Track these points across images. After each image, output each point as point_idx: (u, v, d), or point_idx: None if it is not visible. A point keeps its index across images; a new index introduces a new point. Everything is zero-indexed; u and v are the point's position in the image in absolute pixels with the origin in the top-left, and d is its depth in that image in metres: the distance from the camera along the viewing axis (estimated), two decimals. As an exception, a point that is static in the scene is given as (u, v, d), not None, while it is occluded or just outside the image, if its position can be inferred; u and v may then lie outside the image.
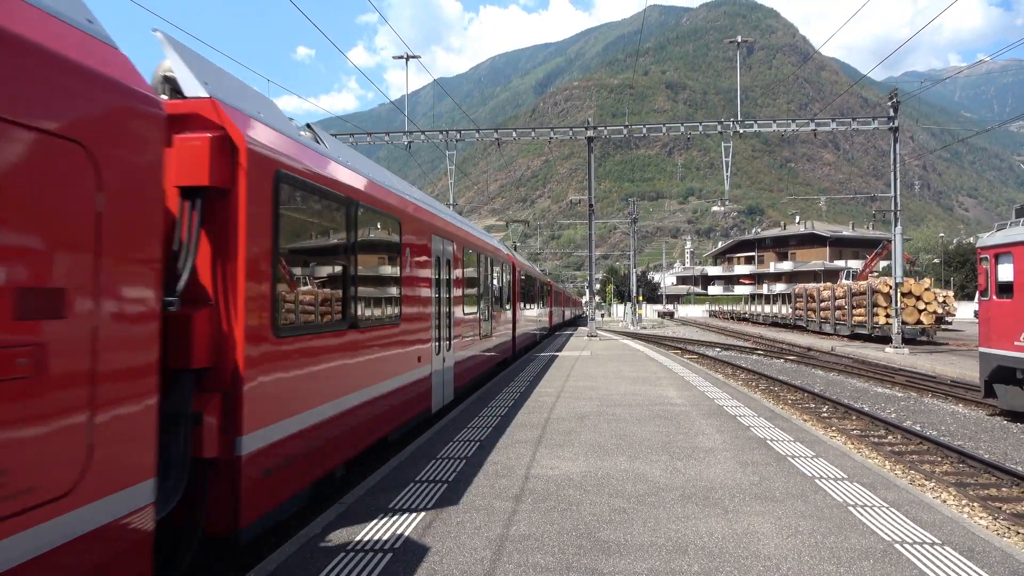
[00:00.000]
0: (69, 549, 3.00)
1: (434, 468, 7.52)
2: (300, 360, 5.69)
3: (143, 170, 3.55)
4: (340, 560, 4.88)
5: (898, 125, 29.25)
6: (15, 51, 2.82)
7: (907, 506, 6.16)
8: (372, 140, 34.02)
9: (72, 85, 3.11)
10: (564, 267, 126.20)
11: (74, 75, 3.13)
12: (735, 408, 11.77)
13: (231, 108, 4.97)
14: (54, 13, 3.19)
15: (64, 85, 3.06)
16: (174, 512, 4.22)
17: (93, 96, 3.24)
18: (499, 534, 5.44)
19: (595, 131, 33.23)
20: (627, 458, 8.03)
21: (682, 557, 4.95)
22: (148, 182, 3.60)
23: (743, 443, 8.86)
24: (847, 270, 70.16)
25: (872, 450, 10.91)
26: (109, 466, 3.24)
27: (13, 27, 2.84)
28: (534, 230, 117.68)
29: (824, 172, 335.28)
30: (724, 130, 32.21)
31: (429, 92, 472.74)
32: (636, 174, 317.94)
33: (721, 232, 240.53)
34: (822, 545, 5.18)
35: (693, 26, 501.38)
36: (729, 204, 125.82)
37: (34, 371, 2.83)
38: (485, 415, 10.99)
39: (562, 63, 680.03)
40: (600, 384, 15.20)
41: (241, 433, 4.71)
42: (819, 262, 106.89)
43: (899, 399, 16.21)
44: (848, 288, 38.99)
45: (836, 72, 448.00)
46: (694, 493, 6.57)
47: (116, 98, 3.38)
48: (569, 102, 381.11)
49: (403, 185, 9.85)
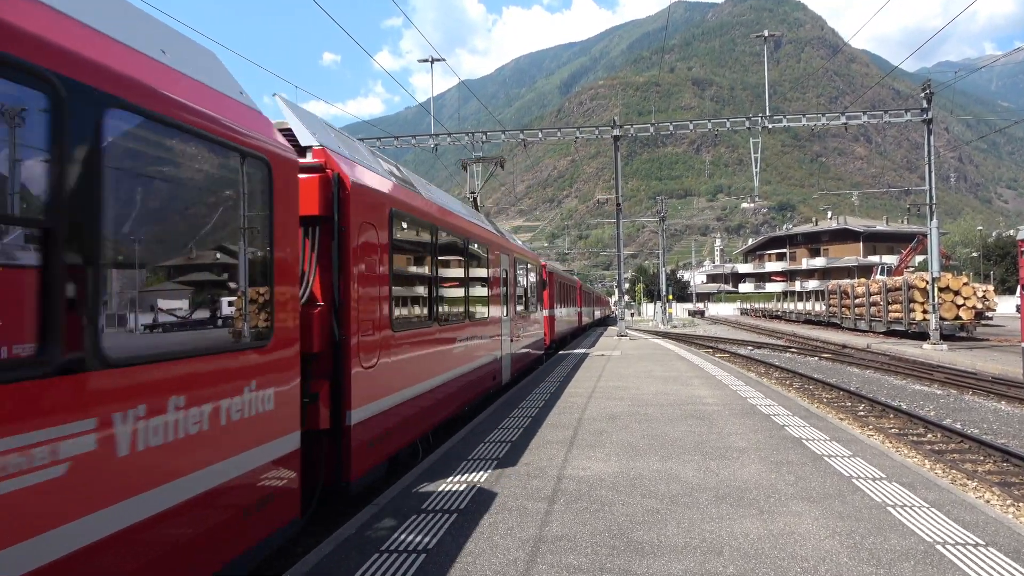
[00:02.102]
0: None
1: (465, 469, 7.54)
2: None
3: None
4: (375, 560, 4.92)
5: (932, 116, 28.65)
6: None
7: (948, 506, 6.02)
8: (399, 144, 34.26)
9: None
10: (592, 267, 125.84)
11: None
12: (769, 407, 11.62)
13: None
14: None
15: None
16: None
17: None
18: (531, 535, 5.43)
19: (621, 130, 33.07)
20: (659, 458, 7.97)
21: (717, 558, 4.89)
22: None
23: (778, 442, 8.74)
24: (881, 265, 68.83)
25: (911, 449, 10.68)
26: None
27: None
28: (561, 230, 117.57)
29: (856, 166, 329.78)
30: (752, 126, 31.84)
31: (455, 95, 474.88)
32: (664, 172, 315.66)
33: (751, 229, 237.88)
34: (861, 546, 5.09)
35: (719, 21, 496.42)
36: (759, 200, 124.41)
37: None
38: (516, 416, 10.99)
39: (587, 62, 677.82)
40: (631, 384, 15.11)
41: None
42: (852, 258, 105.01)
43: (938, 396, 15.86)
44: (883, 284, 38.28)
45: (867, 64, 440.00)
46: (728, 493, 6.50)
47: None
48: (595, 101, 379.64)
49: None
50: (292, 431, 4.83)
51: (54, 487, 2.76)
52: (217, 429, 3.94)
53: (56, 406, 2.80)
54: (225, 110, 4.24)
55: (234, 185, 4.38)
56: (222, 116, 4.15)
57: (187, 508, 3.63)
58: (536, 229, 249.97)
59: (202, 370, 3.87)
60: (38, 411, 2.71)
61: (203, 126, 3.91)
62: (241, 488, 4.21)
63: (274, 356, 4.63)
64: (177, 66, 3.96)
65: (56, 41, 2.91)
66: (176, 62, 3.97)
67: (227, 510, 4.09)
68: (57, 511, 2.79)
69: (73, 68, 2.95)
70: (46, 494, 2.72)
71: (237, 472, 4.13)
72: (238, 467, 4.15)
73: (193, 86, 4.01)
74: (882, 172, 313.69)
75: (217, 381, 4.00)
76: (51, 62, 2.84)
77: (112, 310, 3.33)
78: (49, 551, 2.73)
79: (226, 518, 4.08)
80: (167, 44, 3.99)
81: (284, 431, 4.72)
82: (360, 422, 6.24)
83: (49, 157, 2.84)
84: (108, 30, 3.41)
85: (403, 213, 7.63)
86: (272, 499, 4.58)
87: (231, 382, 4.14)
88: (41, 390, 2.74)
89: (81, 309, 2.93)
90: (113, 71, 3.23)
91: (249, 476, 4.28)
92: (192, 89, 3.97)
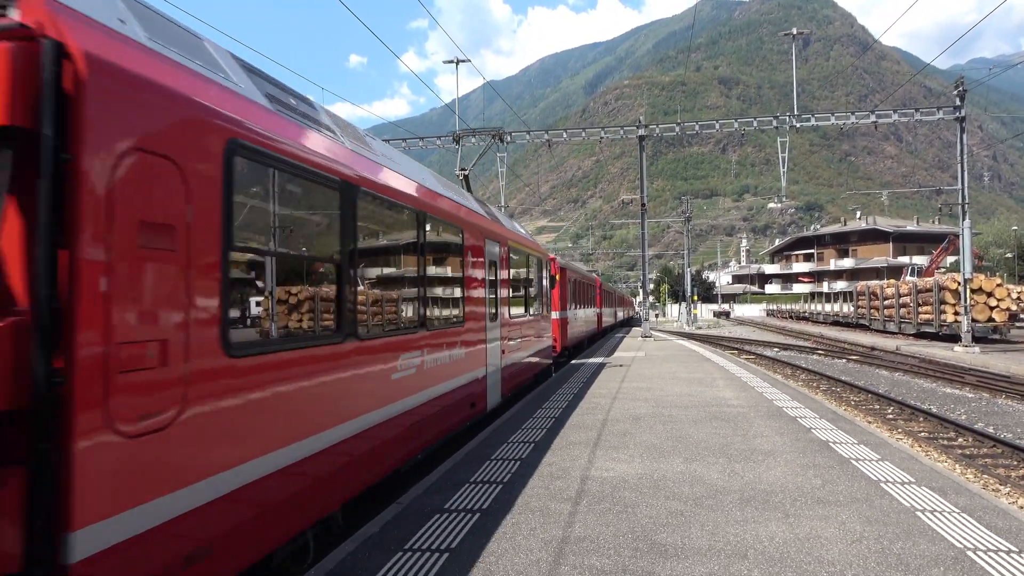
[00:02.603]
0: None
1: (489, 469, 7.55)
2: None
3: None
4: (398, 559, 4.95)
5: (965, 114, 28.09)
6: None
7: (980, 512, 5.90)
8: (424, 144, 34.43)
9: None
10: (616, 267, 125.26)
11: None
12: (795, 409, 11.48)
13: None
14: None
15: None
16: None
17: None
18: (554, 536, 5.43)
19: (647, 129, 32.87)
20: (683, 460, 7.92)
21: (742, 562, 4.85)
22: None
23: (804, 445, 8.63)
24: (912, 266, 67.65)
25: (941, 453, 10.49)
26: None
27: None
28: (585, 231, 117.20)
29: (886, 165, 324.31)
30: (780, 125, 31.43)
31: (479, 95, 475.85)
32: (689, 172, 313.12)
33: (778, 229, 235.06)
34: (889, 551, 5.01)
35: (746, 19, 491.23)
36: (786, 201, 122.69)
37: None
38: (539, 416, 10.99)
39: (612, 62, 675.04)
40: (655, 385, 15.02)
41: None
42: (882, 258, 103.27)
43: (970, 400, 15.55)
44: (913, 285, 37.63)
45: (897, 61, 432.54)
46: (753, 496, 6.43)
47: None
48: (620, 101, 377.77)
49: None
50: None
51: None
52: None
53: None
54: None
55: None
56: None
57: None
58: (560, 230, 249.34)
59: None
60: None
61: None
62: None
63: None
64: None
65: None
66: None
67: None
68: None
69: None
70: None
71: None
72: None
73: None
74: (913, 171, 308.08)
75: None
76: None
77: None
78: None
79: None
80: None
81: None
82: (101, 555, 3.08)
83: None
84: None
85: (263, 151, 4.46)
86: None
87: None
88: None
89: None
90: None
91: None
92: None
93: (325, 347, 5.20)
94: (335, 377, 5.30)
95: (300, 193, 5.27)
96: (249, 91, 4.70)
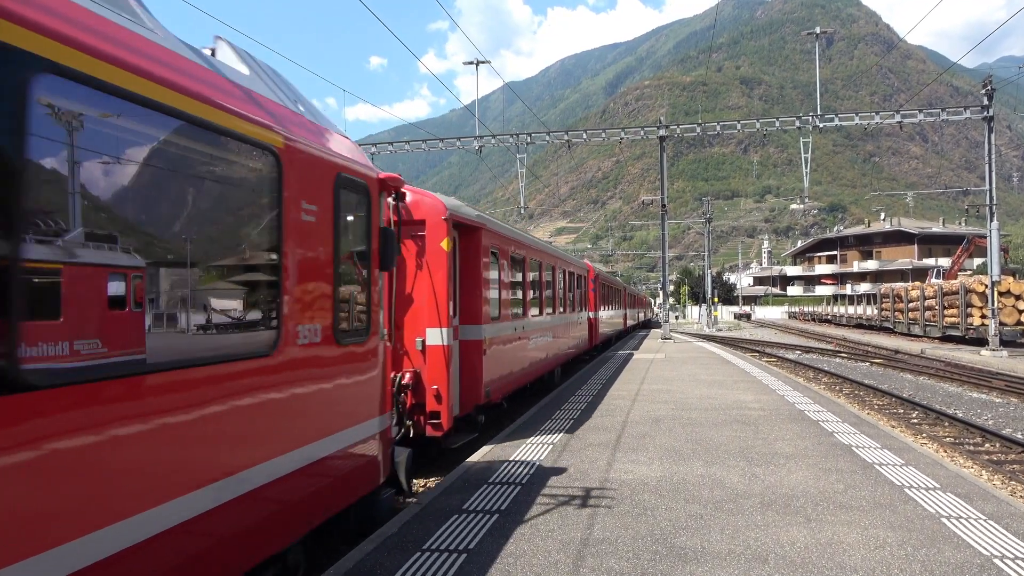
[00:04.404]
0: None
1: (507, 471, 7.56)
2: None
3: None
4: (416, 559, 4.96)
5: (993, 114, 27.63)
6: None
7: (1008, 519, 5.80)
8: (444, 146, 34.54)
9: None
10: (636, 268, 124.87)
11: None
12: (817, 413, 11.36)
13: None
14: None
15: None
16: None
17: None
18: (573, 537, 5.42)
19: (667, 130, 32.71)
20: (703, 463, 7.86)
21: (762, 566, 4.80)
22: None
23: (826, 449, 8.54)
24: (937, 268, 66.62)
25: (967, 459, 10.31)
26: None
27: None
28: (605, 232, 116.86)
29: (911, 166, 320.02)
30: (803, 125, 31.14)
31: (499, 96, 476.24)
32: (710, 173, 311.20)
33: (800, 231, 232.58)
34: (912, 558, 4.93)
35: (768, 19, 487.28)
36: (809, 202, 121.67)
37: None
38: (558, 418, 10.98)
39: (632, 62, 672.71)
40: (675, 387, 14.94)
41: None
42: (906, 260, 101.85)
43: (997, 405, 15.27)
44: (939, 287, 37.04)
45: (923, 60, 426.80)
46: (774, 500, 6.37)
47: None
48: (640, 101, 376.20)
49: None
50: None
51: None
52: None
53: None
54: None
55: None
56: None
57: None
58: (580, 231, 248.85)
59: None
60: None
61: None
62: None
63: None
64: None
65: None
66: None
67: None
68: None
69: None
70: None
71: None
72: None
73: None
74: (939, 172, 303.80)
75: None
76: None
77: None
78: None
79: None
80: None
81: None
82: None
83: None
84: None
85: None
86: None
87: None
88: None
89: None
90: None
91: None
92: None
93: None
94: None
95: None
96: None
